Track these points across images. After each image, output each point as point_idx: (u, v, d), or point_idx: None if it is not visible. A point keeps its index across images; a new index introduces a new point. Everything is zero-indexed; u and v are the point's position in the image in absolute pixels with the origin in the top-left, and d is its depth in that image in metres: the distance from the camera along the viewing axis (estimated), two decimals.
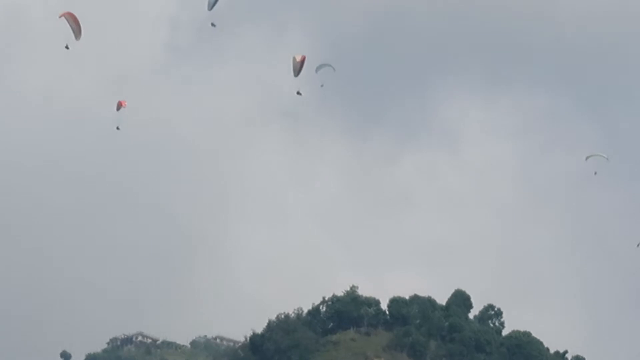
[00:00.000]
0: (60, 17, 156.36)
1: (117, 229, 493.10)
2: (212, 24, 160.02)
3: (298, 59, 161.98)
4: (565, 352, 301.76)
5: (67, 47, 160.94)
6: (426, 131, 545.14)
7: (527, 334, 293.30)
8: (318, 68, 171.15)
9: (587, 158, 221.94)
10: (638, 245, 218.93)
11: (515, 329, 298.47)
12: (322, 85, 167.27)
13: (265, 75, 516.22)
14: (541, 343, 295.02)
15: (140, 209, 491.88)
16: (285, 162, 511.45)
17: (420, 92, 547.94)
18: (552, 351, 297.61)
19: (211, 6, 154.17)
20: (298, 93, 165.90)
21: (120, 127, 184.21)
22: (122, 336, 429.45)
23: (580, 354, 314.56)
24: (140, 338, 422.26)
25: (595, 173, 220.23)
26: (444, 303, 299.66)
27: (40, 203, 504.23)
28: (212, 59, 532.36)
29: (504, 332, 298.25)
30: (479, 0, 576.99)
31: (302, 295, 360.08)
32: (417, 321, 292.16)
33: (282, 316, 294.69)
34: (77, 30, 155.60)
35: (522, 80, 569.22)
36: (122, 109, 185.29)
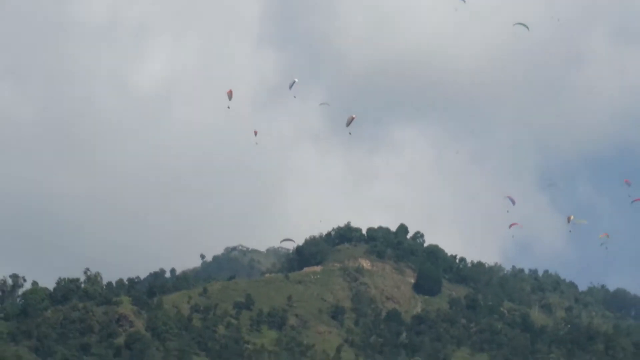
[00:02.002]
0: (227, 92, 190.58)
1: (230, 182, 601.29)
2: (294, 96, 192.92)
3: (354, 116, 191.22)
4: (456, 255, 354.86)
5: (228, 107, 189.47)
6: (387, 143, 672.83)
7: (436, 246, 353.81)
8: (321, 104, 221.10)
9: (456, 152, 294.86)
10: (506, 197, 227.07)
11: (430, 243, 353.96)
12: (350, 133, 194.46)
13: (304, 116, 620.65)
14: (444, 250, 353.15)
15: (244, 172, 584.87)
16: (312, 158, 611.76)
17: (384, 123, 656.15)
18: (449, 254, 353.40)
19: (290, 88, 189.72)
20: (349, 133, 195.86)
21: (257, 143, 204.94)
22: (231, 246, 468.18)
23: (463, 255, 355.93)
24: (240, 247, 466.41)
25: (457, 152, 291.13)
26: (394, 230, 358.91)
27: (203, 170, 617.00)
28: (276, 108, 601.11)
29: (425, 245, 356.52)
30: (410, 75, 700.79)
31: (322, 226, 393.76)
32: (381, 240, 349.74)
33: (313, 236, 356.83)
34: (230, 97, 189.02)
35: (426, 116, 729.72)
36: (257, 135, 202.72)
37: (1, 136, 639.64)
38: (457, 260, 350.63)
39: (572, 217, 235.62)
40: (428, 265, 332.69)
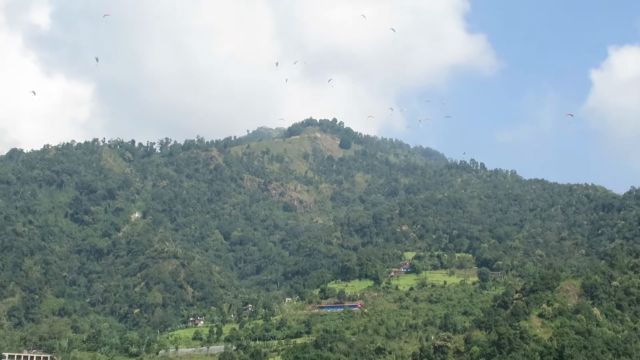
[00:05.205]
0: (275, 63, 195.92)
1: (257, 100, 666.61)
2: (296, 68, 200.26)
3: (331, 79, 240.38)
4: (358, 131, 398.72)
5: (277, 69, 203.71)
6: (330, 83, 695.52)
7: (349, 127, 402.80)
8: (304, 62, 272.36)
9: (356, 84, 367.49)
10: (389, 108, 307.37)
11: (347, 126, 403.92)
12: (332, 86, 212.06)
13: (292, 70, 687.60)
14: (353, 129, 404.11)
15: (266, 93, 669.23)
16: (296, 87, 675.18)
17: (328, 74, 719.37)
18: (355, 131, 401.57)
19: (294, 63, 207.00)
20: (332, 86, 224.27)
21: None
22: (259, 126, 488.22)
23: (361, 131, 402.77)
24: (264, 126, 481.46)
25: (357, 84, 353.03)
26: (330, 120, 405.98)
27: None
28: (280, 67, 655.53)
29: (344, 127, 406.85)
30: (340, 50, 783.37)
31: (300, 117, 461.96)
32: (324, 124, 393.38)
33: (295, 122, 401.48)
34: (277, 65, 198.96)
35: (347, 70, 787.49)
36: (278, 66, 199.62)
37: (159, 74, 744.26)
38: (358, 134, 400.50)
39: (420, 119, 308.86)
40: (343, 133, 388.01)
